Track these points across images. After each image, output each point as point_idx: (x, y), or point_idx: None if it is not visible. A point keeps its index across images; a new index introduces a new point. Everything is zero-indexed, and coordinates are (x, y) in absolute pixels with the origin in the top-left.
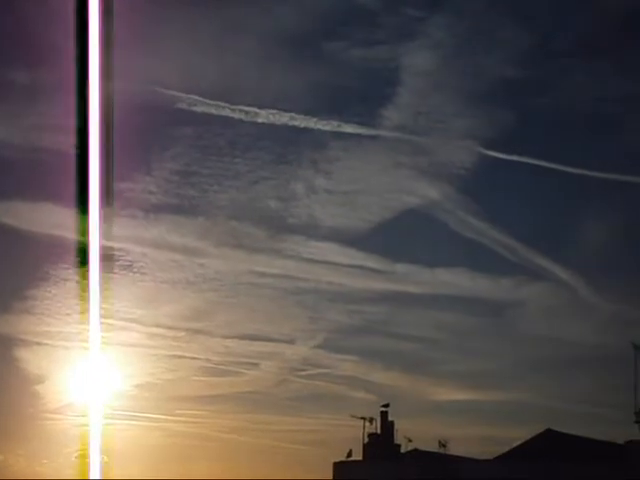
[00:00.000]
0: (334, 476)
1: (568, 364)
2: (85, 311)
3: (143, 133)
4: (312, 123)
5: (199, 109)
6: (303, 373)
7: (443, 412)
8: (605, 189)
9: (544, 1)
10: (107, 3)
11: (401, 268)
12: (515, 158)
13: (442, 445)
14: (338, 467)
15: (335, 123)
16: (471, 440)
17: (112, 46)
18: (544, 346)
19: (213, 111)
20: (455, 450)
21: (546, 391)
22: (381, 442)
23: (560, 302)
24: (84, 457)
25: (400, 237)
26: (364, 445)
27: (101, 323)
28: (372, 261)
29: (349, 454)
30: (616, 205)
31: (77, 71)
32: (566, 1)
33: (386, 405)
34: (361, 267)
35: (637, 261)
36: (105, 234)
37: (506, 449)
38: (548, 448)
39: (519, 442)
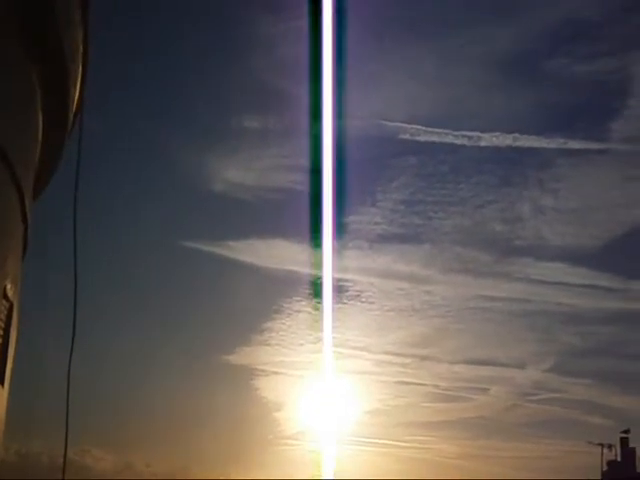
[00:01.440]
0: None
1: None
2: (318, 341)
3: (368, 166)
4: (536, 142)
5: (422, 138)
6: (534, 398)
7: None
8: None
9: None
10: (339, 45)
11: (636, 285)
12: None
13: None
14: None
15: (560, 140)
16: None
17: (344, 89)
18: None
19: (436, 139)
20: None
21: None
22: (622, 470)
23: None
24: None
25: (634, 253)
26: (603, 473)
27: (333, 352)
28: (604, 280)
29: None
30: None
31: (311, 115)
32: None
33: (626, 431)
34: (593, 286)
35: None
36: (335, 267)
37: None
38: None
39: None
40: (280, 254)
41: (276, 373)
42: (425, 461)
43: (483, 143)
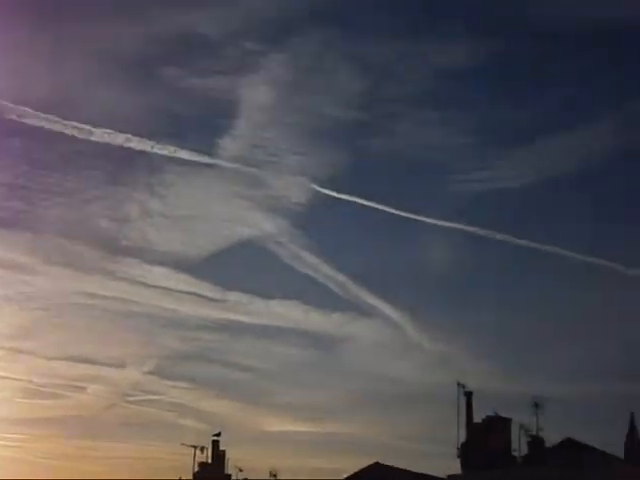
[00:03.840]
0: None
1: (395, 400)
2: None
3: None
4: (148, 146)
5: (30, 121)
6: (133, 399)
7: (274, 442)
8: (431, 231)
9: (378, 48)
10: None
11: (234, 297)
12: (347, 197)
13: (273, 475)
14: None
15: (172, 148)
16: (301, 471)
17: None
18: (372, 381)
19: (44, 125)
20: None
21: (374, 425)
22: (212, 471)
23: (388, 339)
24: None
25: (234, 266)
26: (194, 474)
27: None
28: (206, 289)
29: None
30: (443, 246)
31: None
32: (400, 53)
33: (217, 434)
34: (195, 294)
35: (464, 300)
36: None
37: None
38: None
39: (348, 474)
40: None
41: None
42: (17, 460)
43: (94, 138)
